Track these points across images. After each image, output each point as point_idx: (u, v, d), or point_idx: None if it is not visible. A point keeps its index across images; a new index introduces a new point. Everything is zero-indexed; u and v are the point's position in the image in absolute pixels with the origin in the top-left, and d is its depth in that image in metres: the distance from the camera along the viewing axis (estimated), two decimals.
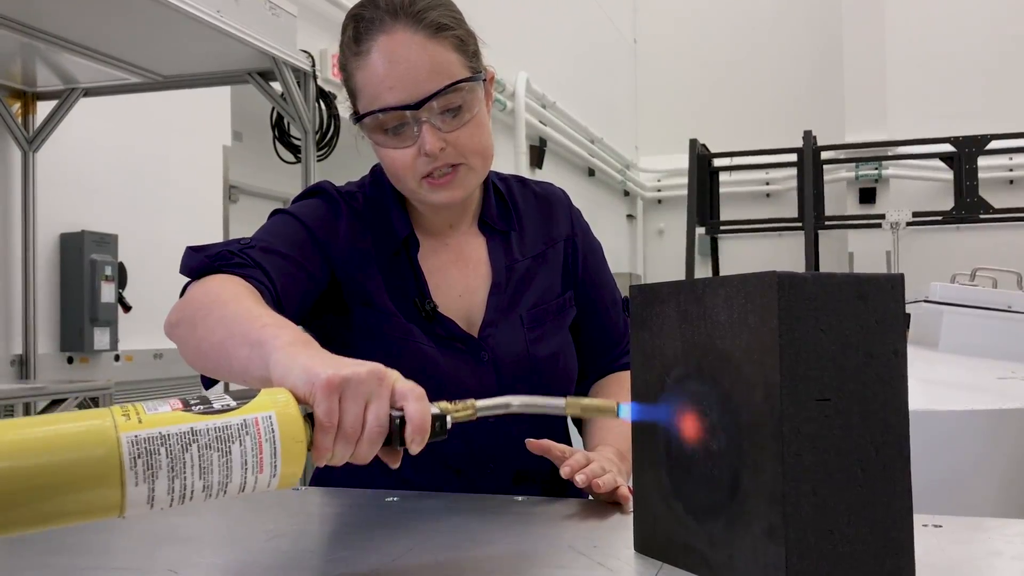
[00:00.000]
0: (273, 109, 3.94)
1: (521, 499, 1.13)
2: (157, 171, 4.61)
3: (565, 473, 1.07)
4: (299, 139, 3.66)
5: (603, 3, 10.59)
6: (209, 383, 1.07)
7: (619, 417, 0.93)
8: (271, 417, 0.71)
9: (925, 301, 3.45)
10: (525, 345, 1.27)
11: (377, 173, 1.32)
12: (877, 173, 10.14)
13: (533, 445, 1.13)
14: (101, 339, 4.13)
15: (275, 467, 0.71)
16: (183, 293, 1.09)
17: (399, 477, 1.21)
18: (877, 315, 0.72)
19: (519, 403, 0.91)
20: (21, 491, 0.63)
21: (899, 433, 0.73)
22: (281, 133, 4.16)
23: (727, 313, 0.75)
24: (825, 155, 8.81)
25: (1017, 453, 2.32)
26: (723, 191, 9.43)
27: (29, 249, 3.90)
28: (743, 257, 10.69)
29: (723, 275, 0.76)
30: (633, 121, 11.87)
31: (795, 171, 8.64)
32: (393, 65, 1.13)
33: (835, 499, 0.70)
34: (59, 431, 0.65)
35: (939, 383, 2.80)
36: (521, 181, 1.41)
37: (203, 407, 0.70)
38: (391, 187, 1.29)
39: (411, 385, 0.79)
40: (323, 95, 3.84)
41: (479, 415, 0.88)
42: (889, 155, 9.79)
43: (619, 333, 1.42)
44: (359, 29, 1.16)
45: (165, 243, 4.59)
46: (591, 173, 10.05)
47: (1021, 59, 10.06)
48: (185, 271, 1.11)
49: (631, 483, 1.04)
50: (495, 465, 1.27)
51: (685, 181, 9.04)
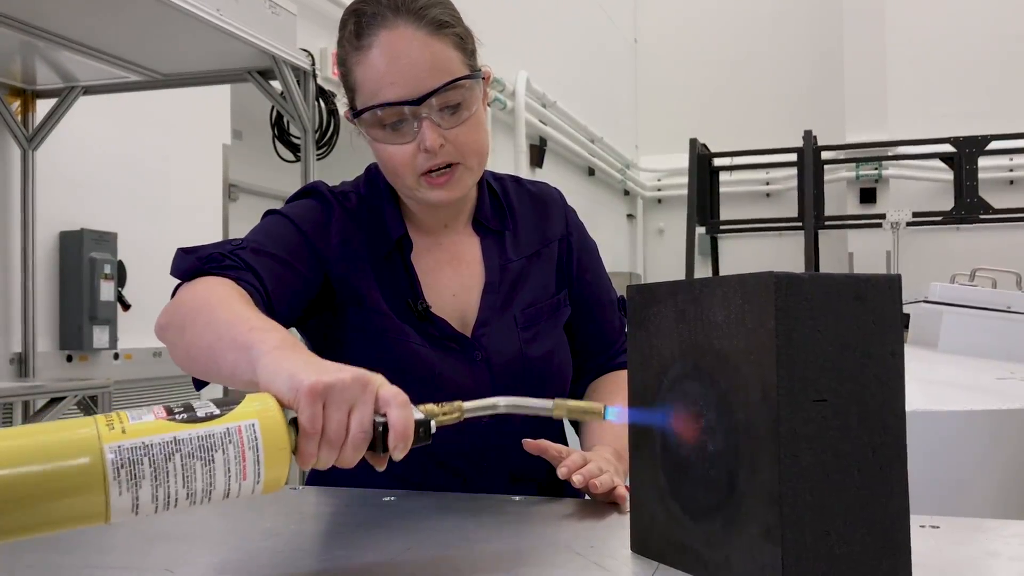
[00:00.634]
0: (273, 108, 3.94)
1: (518, 499, 1.12)
2: (157, 169, 4.61)
3: (563, 474, 1.07)
4: (299, 138, 3.66)
5: (604, 2, 10.59)
6: (201, 385, 1.06)
7: (605, 420, 0.93)
8: (254, 425, 0.72)
9: (925, 301, 3.45)
10: (519, 345, 1.27)
11: (371, 173, 1.32)
12: (877, 173, 10.14)
13: (530, 445, 1.13)
14: (100, 337, 4.13)
15: (259, 474, 0.72)
16: (173, 295, 1.09)
17: (396, 476, 1.21)
18: (875, 316, 0.72)
19: (506, 404, 0.91)
20: (5, 501, 0.63)
21: (896, 434, 0.72)
22: (281, 132, 4.17)
23: (724, 313, 0.75)
24: (825, 155, 8.82)
25: (1016, 454, 2.32)
26: (723, 191, 9.43)
27: (28, 247, 3.89)
28: (743, 257, 10.69)
29: (721, 275, 0.75)
30: (633, 120, 11.87)
31: (795, 171, 8.65)
32: (395, 61, 1.13)
33: (832, 500, 0.69)
34: (43, 441, 0.66)
35: (938, 383, 2.80)
36: (516, 180, 1.40)
37: (186, 415, 0.70)
38: (385, 187, 1.29)
39: (395, 391, 0.79)
40: (323, 94, 3.85)
41: (466, 416, 0.88)
42: (889, 155, 9.79)
43: (615, 332, 1.42)
44: (360, 24, 1.16)
45: (165, 241, 4.57)
46: (591, 172, 10.05)
47: (1022, 60, 10.06)
48: (176, 273, 1.11)
49: (628, 482, 1.04)
50: (489, 465, 1.27)
51: (685, 181, 9.04)
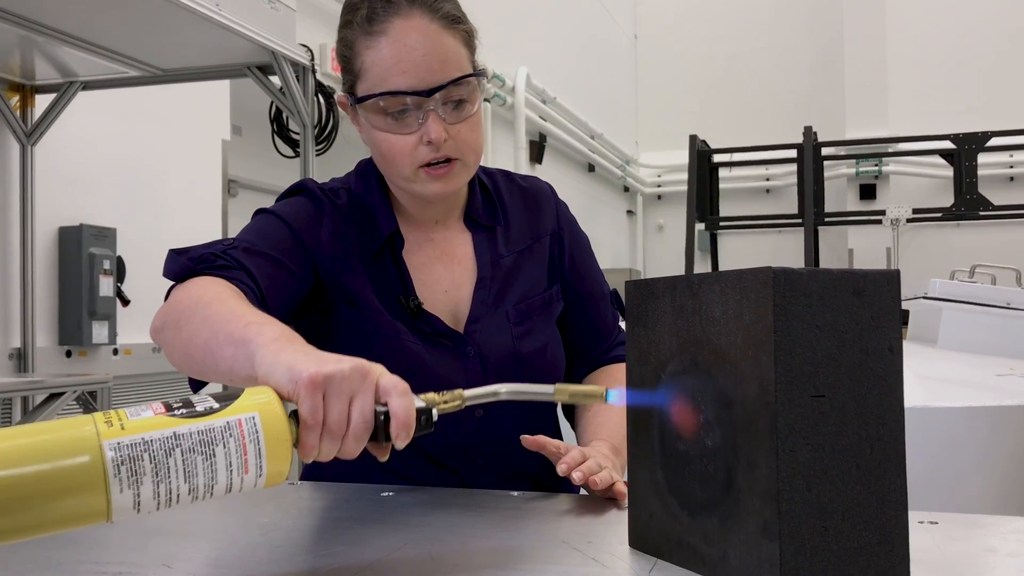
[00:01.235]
0: (272, 103, 3.93)
1: (516, 494, 1.12)
2: (156, 165, 4.61)
3: (562, 470, 1.07)
4: (298, 133, 3.66)
5: None
6: (198, 385, 1.06)
7: (607, 403, 0.93)
8: (254, 418, 0.71)
9: (924, 297, 3.44)
10: (511, 340, 1.27)
11: (362, 169, 1.32)
12: (877, 169, 10.13)
13: (528, 441, 1.13)
14: (100, 333, 4.13)
15: (260, 467, 0.71)
16: (167, 297, 1.09)
17: (390, 472, 1.21)
18: (873, 311, 0.72)
19: (507, 391, 0.91)
20: (5, 502, 0.63)
21: (894, 430, 0.72)
22: (280, 127, 4.16)
23: (722, 308, 0.75)
24: (825, 151, 8.81)
25: (1015, 450, 2.32)
26: (723, 187, 9.43)
27: (27, 243, 3.89)
28: (743, 253, 10.69)
29: (719, 271, 0.75)
30: (633, 117, 11.86)
31: (795, 167, 8.64)
32: (409, 50, 1.13)
33: (830, 496, 0.69)
34: (42, 441, 0.65)
35: (937, 379, 2.80)
36: (507, 175, 1.40)
37: (186, 411, 0.70)
38: (377, 183, 1.28)
39: (395, 380, 0.79)
40: (322, 89, 3.84)
41: (467, 404, 0.87)
42: (889, 151, 9.78)
43: (607, 326, 1.42)
44: (374, 9, 1.15)
45: (164, 237, 4.58)
46: (591, 169, 10.04)
47: (1021, 56, 10.05)
48: (168, 274, 1.10)
49: (626, 477, 1.03)
50: (484, 462, 1.26)
51: (685, 177, 9.04)
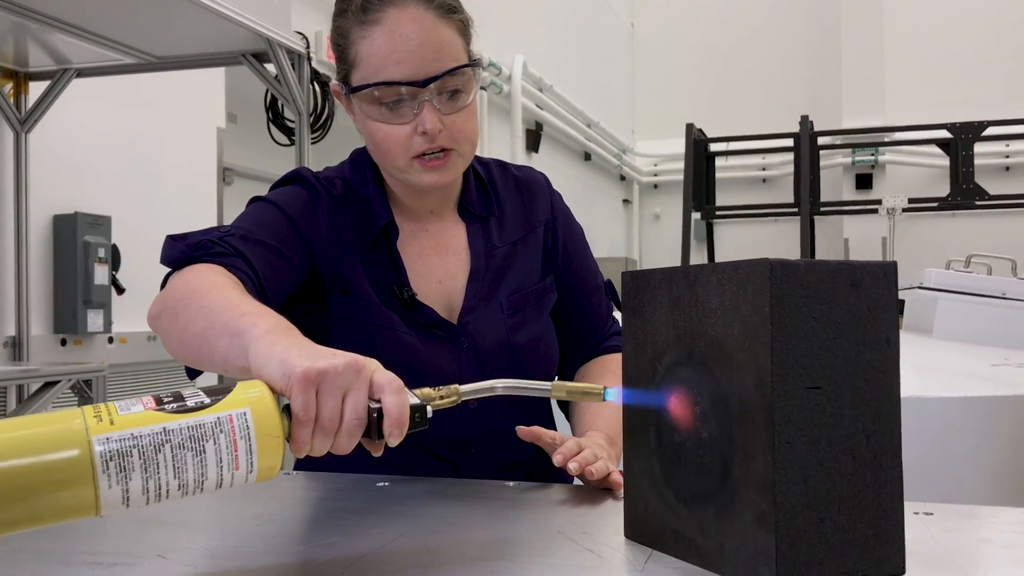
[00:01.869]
0: (267, 91, 3.92)
1: (511, 485, 1.12)
2: (151, 152, 4.59)
3: (558, 461, 1.06)
4: (293, 121, 3.65)
5: None
6: (194, 374, 1.06)
7: (605, 400, 0.93)
8: (246, 414, 0.71)
9: (920, 287, 3.45)
10: (505, 331, 1.27)
11: (356, 158, 1.31)
12: (873, 159, 10.13)
13: (523, 432, 1.12)
14: (95, 321, 4.12)
15: (251, 463, 0.71)
16: (164, 284, 1.08)
17: (383, 463, 1.21)
18: (870, 303, 0.72)
19: (504, 386, 0.90)
20: None
21: (890, 421, 0.72)
22: (275, 115, 4.15)
23: (719, 300, 0.74)
24: (822, 140, 8.80)
25: (1010, 441, 2.33)
26: (719, 176, 9.42)
27: (22, 231, 3.88)
28: (739, 242, 10.69)
29: (716, 262, 0.75)
30: (630, 105, 11.84)
31: (791, 156, 8.63)
32: (404, 40, 1.13)
33: (826, 487, 0.69)
34: (30, 435, 0.65)
35: (933, 369, 2.80)
36: (501, 165, 1.40)
37: (176, 405, 0.69)
38: (371, 173, 1.28)
39: (389, 377, 0.78)
40: (317, 77, 3.83)
41: (463, 399, 0.87)
42: (885, 141, 9.78)
43: (602, 317, 1.42)
44: None
45: (159, 225, 4.55)
46: (587, 157, 10.03)
47: (1019, 46, 10.04)
48: (166, 261, 1.10)
49: (621, 468, 1.03)
50: (478, 452, 1.26)
51: (681, 166, 9.02)
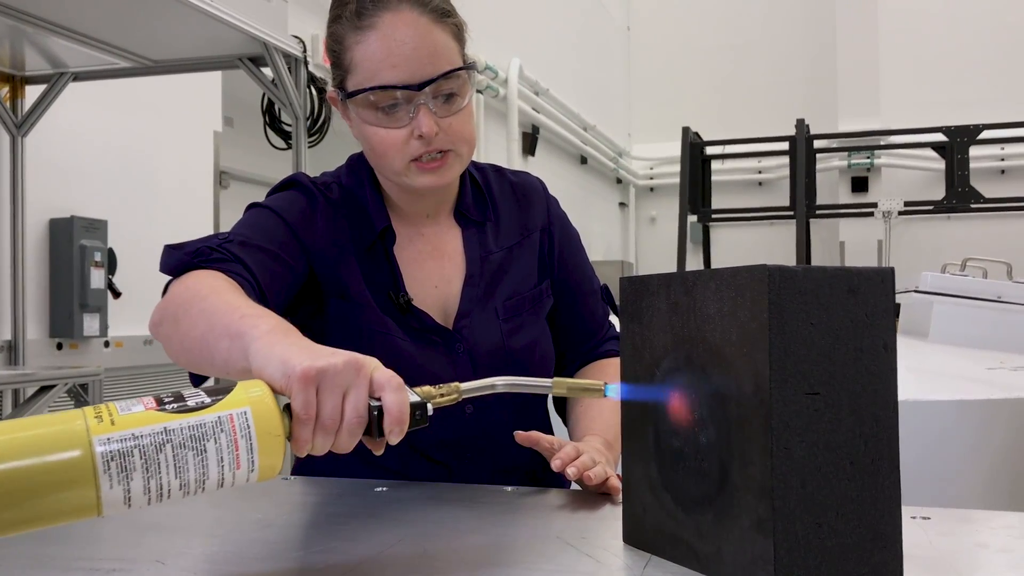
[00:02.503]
0: (264, 95, 3.92)
1: (510, 489, 1.12)
2: (147, 156, 4.59)
3: (556, 466, 1.07)
4: (290, 125, 3.65)
5: None
6: (199, 380, 1.06)
7: (606, 397, 0.93)
8: (246, 413, 0.71)
9: (915, 291, 3.45)
10: (501, 336, 1.27)
11: (353, 163, 1.31)
12: (869, 162, 10.15)
13: (521, 437, 1.13)
14: (91, 325, 4.12)
15: (252, 462, 0.71)
16: (164, 292, 1.09)
17: (379, 466, 1.21)
18: (867, 309, 0.72)
19: (504, 383, 0.90)
20: None
21: (888, 427, 0.73)
22: (272, 119, 4.15)
23: (717, 306, 0.75)
24: (817, 144, 8.81)
25: (1006, 444, 2.33)
26: (715, 179, 9.43)
27: (18, 235, 3.87)
28: (735, 245, 10.71)
29: (714, 268, 0.75)
30: (626, 109, 11.85)
31: (787, 159, 8.64)
32: (398, 44, 1.13)
33: (824, 492, 0.70)
34: (32, 436, 0.66)
35: (929, 373, 2.81)
36: (497, 171, 1.40)
37: (177, 405, 0.70)
38: (368, 178, 1.28)
39: (389, 375, 0.79)
40: (314, 81, 3.83)
41: (464, 396, 0.87)
42: (881, 144, 9.80)
43: (598, 321, 1.42)
44: (363, 3, 1.15)
45: (155, 229, 4.57)
46: (583, 161, 10.03)
47: (1014, 49, 10.07)
48: (165, 269, 1.10)
49: (619, 472, 1.04)
50: (474, 456, 1.26)
51: (677, 169, 9.03)
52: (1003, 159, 9.95)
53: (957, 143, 8.05)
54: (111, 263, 4.26)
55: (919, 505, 0.98)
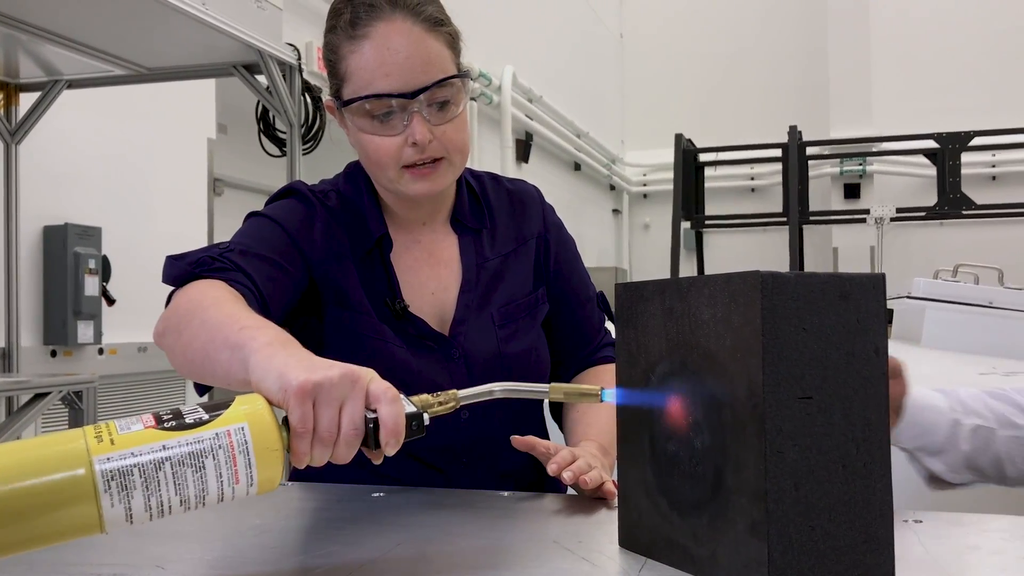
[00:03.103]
0: (258, 102, 3.92)
1: (506, 494, 1.13)
2: (141, 164, 4.59)
3: (552, 470, 1.07)
4: (284, 132, 3.65)
5: None
6: (203, 390, 1.06)
7: (603, 402, 0.94)
8: (244, 428, 0.72)
9: (908, 297, 3.47)
10: (496, 343, 1.28)
11: (351, 171, 1.33)
12: (861, 169, 10.19)
13: (518, 442, 1.13)
14: (85, 332, 4.12)
15: (251, 477, 0.72)
16: (168, 302, 1.09)
17: (375, 472, 1.22)
18: (859, 314, 0.73)
19: (502, 389, 0.91)
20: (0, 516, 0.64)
21: (880, 430, 0.74)
22: (266, 126, 4.16)
23: (711, 311, 0.76)
24: (810, 150, 8.85)
25: None
26: (708, 186, 9.45)
27: (12, 242, 3.87)
28: (728, 251, 10.72)
29: (708, 274, 0.76)
30: (619, 116, 11.87)
31: (780, 166, 8.67)
32: (392, 53, 1.14)
33: (817, 496, 0.71)
34: (33, 457, 0.67)
35: (921, 378, 2.81)
36: (494, 178, 1.41)
37: (175, 423, 0.71)
38: (365, 185, 1.29)
39: (385, 386, 0.79)
40: (308, 88, 3.83)
41: (461, 404, 0.88)
42: (873, 151, 9.83)
43: (593, 328, 1.43)
44: (357, 14, 1.16)
45: (149, 236, 4.57)
46: (577, 167, 10.05)
47: (1004, 56, 10.12)
48: (168, 280, 1.11)
49: (614, 476, 1.04)
50: (469, 461, 1.27)
51: (671, 176, 9.06)
52: (994, 165, 9.99)
53: (949, 150, 8.09)
54: (105, 270, 4.27)
55: (912, 509, 1.00)
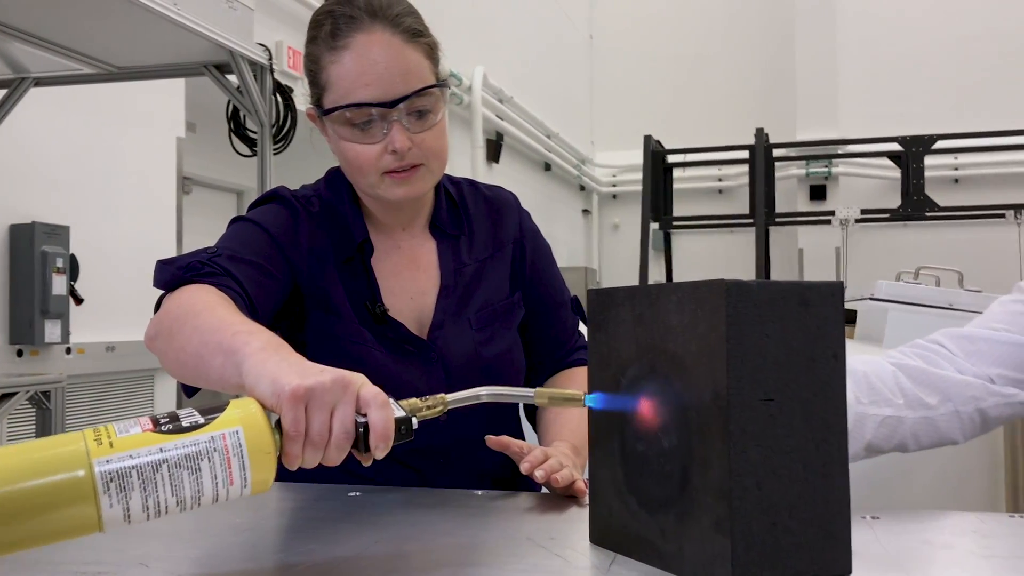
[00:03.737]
0: (229, 102, 3.91)
1: (480, 493, 1.16)
2: (109, 162, 4.56)
3: (525, 469, 1.11)
4: (255, 132, 3.65)
5: None
6: (191, 392, 1.09)
7: (585, 406, 0.97)
8: (238, 432, 0.74)
9: (871, 299, 3.54)
10: (474, 346, 1.31)
11: (332, 177, 1.35)
12: (827, 171, 10.32)
13: (493, 442, 1.17)
14: (52, 332, 4.09)
15: (245, 478, 0.75)
16: (158, 307, 1.11)
17: (354, 473, 1.24)
18: (818, 321, 0.77)
19: (488, 394, 0.94)
20: (3, 516, 0.67)
21: (838, 432, 0.78)
22: (237, 126, 4.14)
23: (679, 317, 0.79)
24: (777, 152, 8.96)
25: (956, 447, 2.41)
26: (677, 187, 9.53)
27: None
28: (696, 252, 10.83)
29: (676, 282, 0.80)
30: (589, 116, 11.94)
31: (747, 168, 8.77)
32: (372, 64, 1.17)
33: (778, 494, 0.74)
34: (35, 459, 0.70)
35: None
36: (472, 185, 1.44)
37: (172, 426, 0.73)
38: (347, 191, 1.32)
39: (375, 391, 0.82)
40: (280, 88, 3.83)
41: (450, 408, 0.91)
42: (839, 153, 9.97)
43: (567, 332, 1.46)
44: (338, 25, 1.19)
45: (118, 234, 4.55)
46: (547, 168, 10.10)
47: (967, 62, 10.30)
48: (158, 284, 1.13)
49: (585, 476, 1.08)
50: (447, 461, 1.30)
51: (640, 177, 9.13)
52: (957, 168, 10.16)
53: (912, 152, 8.23)
54: (73, 269, 4.23)
55: (872, 507, 1.04)
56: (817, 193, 10.42)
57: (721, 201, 11.02)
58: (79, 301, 4.25)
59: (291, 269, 1.25)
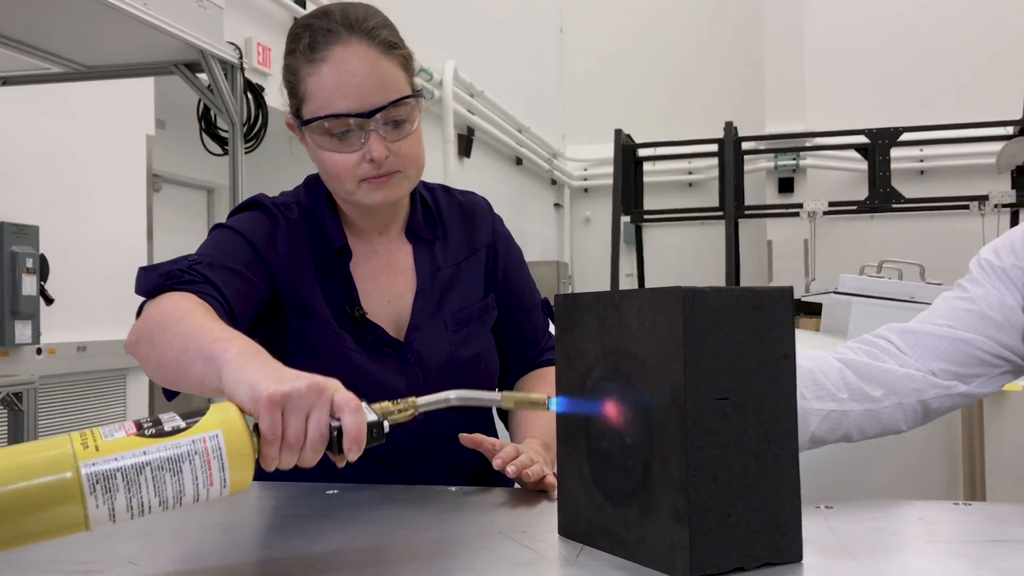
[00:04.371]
0: (200, 101, 3.91)
1: (454, 489, 1.21)
2: (79, 160, 4.54)
3: (497, 465, 1.15)
4: (226, 131, 3.65)
5: None
6: (171, 396, 1.12)
7: (549, 410, 1.02)
8: (218, 436, 0.79)
9: (835, 292, 3.62)
10: (449, 347, 1.35)
11: (310, 184, 1.39)
12: (795, 163, 10.46)
13: (466, 439, 1.21)
14: (23, 332, 4.07)
15: (224, 479, 0.79)
16: (139, 313, 1.15)
17: (333, 471, 1.28)
18: (770, 324, 0.82)
19: (457, 397, 0.98)
20: None
21: (788, 427, 0.83)
22: (208, 124, 4.14)
23: (640, 322, 0.84)
24: (745, 145, 9.07)
25: (911, 436, 2.47)
26: (647, 180, 9.63)
27: None
28: (667, 245, 10.94)
29: (637, 288, 0.84)
30: (560, 111, 12.00)
31: (717, 161, 8.87)
32: (349, 75, 1.21)
33: (732, 486, 0.79)
34: (23, 462, 0.74)
35: None
36: (446, 190, 1.48)
37: (155, 430, 0.77)
38: (325, 198, 1.36)
39: (348, 397, 0.86)
40: (251, 87, 3.84)
41: (420, 411, 0.95)
42: (807, 146, 10.11)
43: (538, 333, 1.51)
44: (316, 38, 1.23)
45: (88, 234, 4.53)
46: (519, 162, 10.15)
47: (932, 55, 10.46)
48: (140, 291, 1.16)
49: (555, 471, 1.13)
50: (423, 459, 1.35)
51: (611, 170, 9.20)
52: (922, 160, 10.33)
53: (878, 145, 8.36)
54: (43, 269, 4.21)
55: (832, 496, 1.09)
56: (785, 186, 10.55)
57: (691, 194, 11.12)
58: (49, 301, 4.23)
59: (270, 275, 1.29)
